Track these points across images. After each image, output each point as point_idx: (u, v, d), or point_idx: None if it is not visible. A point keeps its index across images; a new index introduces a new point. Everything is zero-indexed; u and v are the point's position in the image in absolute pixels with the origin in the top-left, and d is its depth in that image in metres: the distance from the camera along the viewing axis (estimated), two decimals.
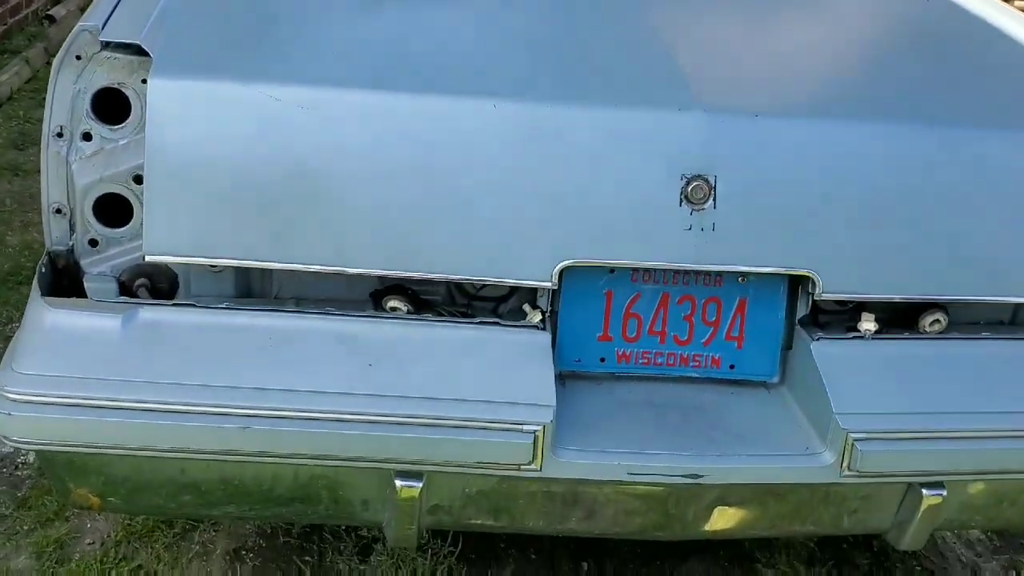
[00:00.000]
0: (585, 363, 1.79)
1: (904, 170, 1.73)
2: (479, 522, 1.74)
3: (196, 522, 2.32)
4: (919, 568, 2.51)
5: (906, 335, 1.80)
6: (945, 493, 1.73)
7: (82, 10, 6.44)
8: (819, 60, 1.93)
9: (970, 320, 1.90)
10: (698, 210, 1.66)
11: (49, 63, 5.46)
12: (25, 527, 2.28)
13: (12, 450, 2.56)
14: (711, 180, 1.66)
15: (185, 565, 2.22)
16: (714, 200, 1.66)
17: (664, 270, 1.75)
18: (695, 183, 1.66)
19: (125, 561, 2.20)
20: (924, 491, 1.73)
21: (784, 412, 1.78)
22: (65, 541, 2.24)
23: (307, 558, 2.29)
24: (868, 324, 1.78)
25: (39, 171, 1.72)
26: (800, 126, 1.72)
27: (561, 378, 1.75)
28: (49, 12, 5.98)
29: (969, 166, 1.75)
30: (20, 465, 2.50)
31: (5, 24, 5.39)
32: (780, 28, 2.04)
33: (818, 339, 1.75)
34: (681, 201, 1.66)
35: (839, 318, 1.87)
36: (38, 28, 5.77)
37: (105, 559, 2.20)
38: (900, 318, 1.85)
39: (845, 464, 1.66)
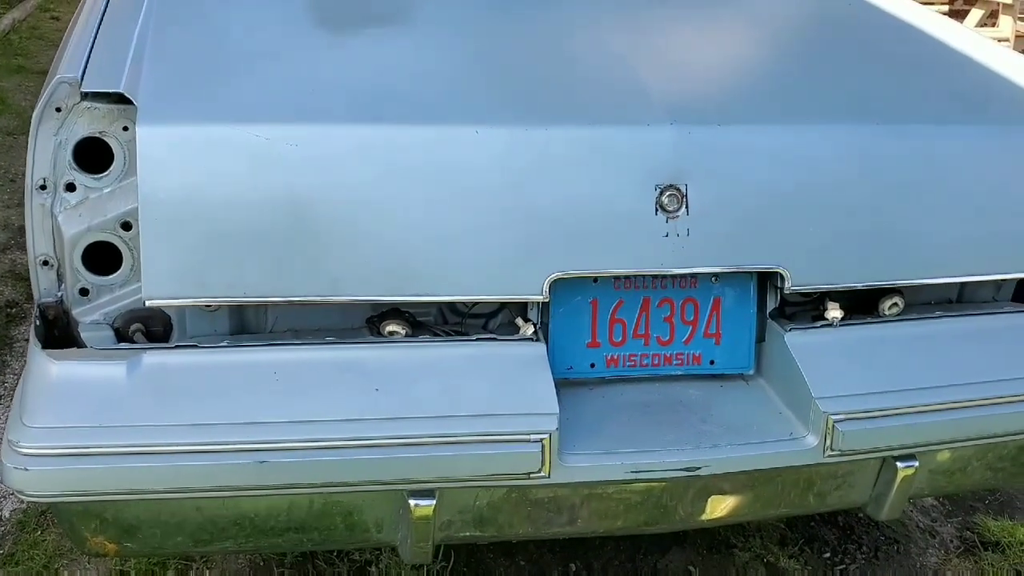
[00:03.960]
0: (577, 370, 1.87)
1: (857, 167, 1.85)
2: (490, 533, 1.80)
3: (189, 561, 2.32)
4: (883, 538, 2.65)
5: (869, 320, 1.93)
6: (917, 464, 1.86)
7: None
8: (772, 68, 2.06)
9: (922, 301, 2.05)
10: (672, 217, 1.76)
11: None
12: None
13: None
14: (683, 188, 1.76)
15: None
16: (687, 207, 1.76)
17: (644, 276, 1.84)
18: (668, 192, 1.75)
19: None
20: (898, 464, 1.85)
21: (764, 401, 1.88)
22: None
23: None
24: (835, 312, 1.90)
25: None
26: (761, 132, 1.83)
27: (556, 386, 1.82)
28: None
29: (912, 160, 1.88)
30: None
31: None
32: (732, 39, 2.16)
33: (790, 330, 1.86)
34: (656, 210, 1.75)
35: (804, 309, 1.99)
36: None
37: None
38: (861, 304, 1.98)
39: (827, 445, 1.77)
